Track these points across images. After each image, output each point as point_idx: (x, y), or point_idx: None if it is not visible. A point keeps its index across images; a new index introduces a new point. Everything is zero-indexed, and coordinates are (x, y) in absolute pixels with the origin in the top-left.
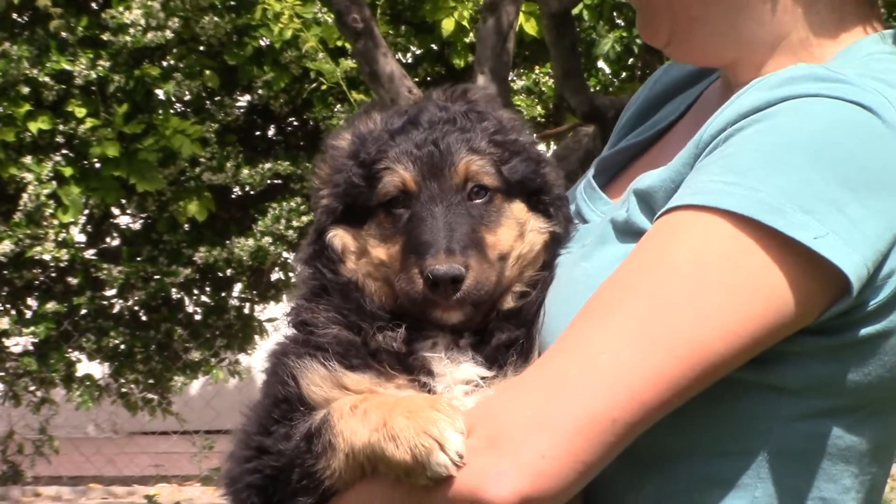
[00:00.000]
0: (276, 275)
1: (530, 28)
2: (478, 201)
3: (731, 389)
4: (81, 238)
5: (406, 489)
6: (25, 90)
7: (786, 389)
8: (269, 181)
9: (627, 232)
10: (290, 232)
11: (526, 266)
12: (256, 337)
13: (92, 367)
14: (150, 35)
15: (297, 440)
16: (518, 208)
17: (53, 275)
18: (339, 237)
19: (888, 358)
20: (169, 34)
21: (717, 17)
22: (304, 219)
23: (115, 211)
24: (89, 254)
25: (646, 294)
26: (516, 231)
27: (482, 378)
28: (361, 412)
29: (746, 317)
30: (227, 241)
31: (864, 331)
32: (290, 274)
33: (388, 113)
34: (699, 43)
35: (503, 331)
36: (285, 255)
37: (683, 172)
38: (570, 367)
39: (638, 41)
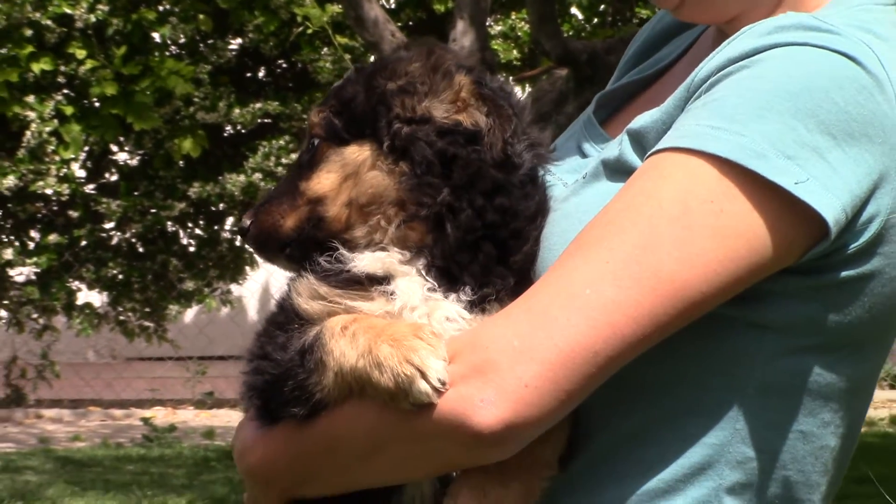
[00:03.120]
0: None
1: None
2: (308, 154)
3: (717, 325)
4: (82, 173)
5: (394, 411)
6: (28, 33)
7: (769, 327)
8: (259, 120)
9: (618, 170)
10: (280, 168)
11: (368, 205)
12: (247, 268)
13: (91, 296)
14: None
15: (292, 353)
16: (350, 151)
17: (55, 208)
18: None
19: (868, 299)
20: None
21: None
22: (293, 156)
23: (114, 148)
24: (89, 188)
25: (631, 232)
26: (338, 175)
27: (463, 320)
28: (351, 334)
29: (727, 257)
30: (220, 177)
31: (845, 273)
32: None
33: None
34: (713, 1)
35: (496, 285)
36: None
37: (674, 114)
38: (556, 300)
39: None
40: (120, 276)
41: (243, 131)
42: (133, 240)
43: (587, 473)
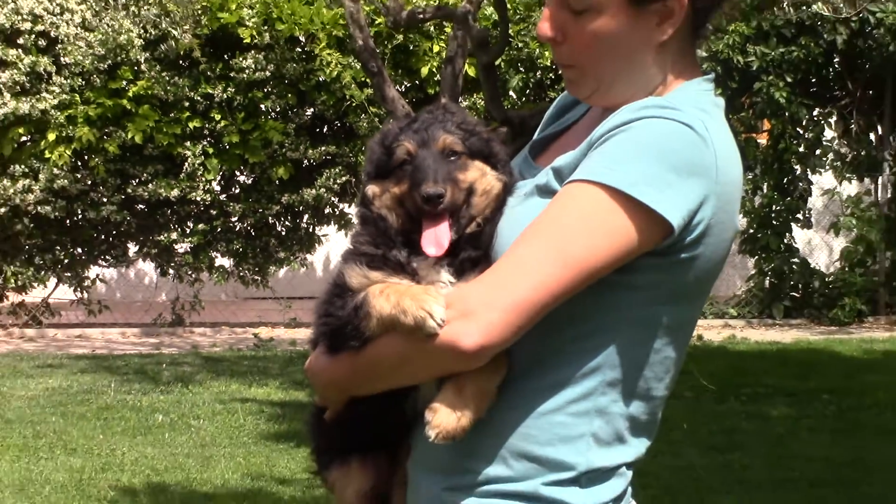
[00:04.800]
0: (327, 210)
1: (471, 71)
2: (452, 159)
3: (606, 286)
4: (218, 188)
5: (414, 340)
6: (186, 104)
7: (636, 287)
8: (323, 157)
9: (546, 191)
10: (336, 186)
11: (490, 201)
12: (317, 245)
13: (223, 261)
14: (257, 74)
15: (349, 310)
16: (479, 164)
17: (202, 208)
18: (371, 188)
19: (695, 271)
20: (268, 73)
21: (625, 79)
22: (343, 179)
23: (237, 173)
24: (222, 197)
25: (555, 232)
26: (479, 174)
27: (451, 282)
28: (385, 295)
29: (612, 246)
30: (300, 190)
31: (683, 255)
32: (336, 210)
33: (400, 120)
34: (612, 96)
35: (468, 251)
36: (333, 199)
37: (580, 158)
38: (511, 271)
39: (532, 80)
40: (240, 249)
41: (314, 163)
42: (249, 228)
43: (519, 379)
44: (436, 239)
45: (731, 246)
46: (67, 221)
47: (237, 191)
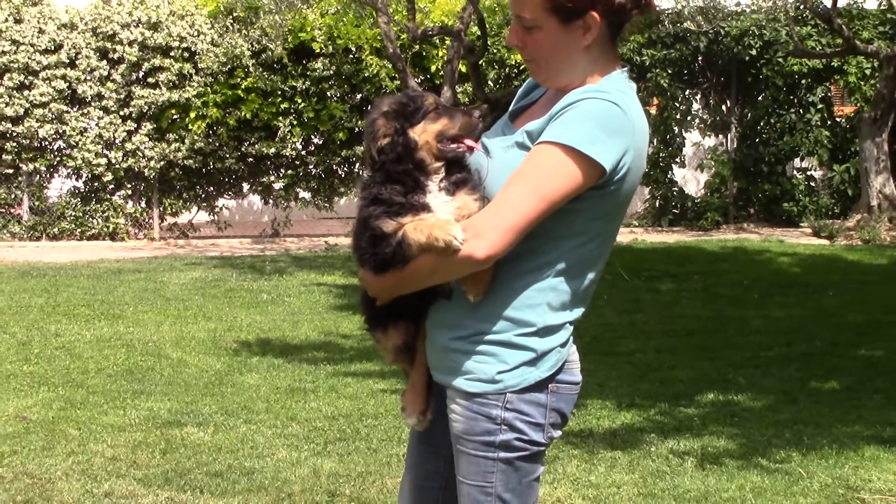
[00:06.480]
0: None
1: (463, 68)
2: (456, 110)
3: (563, 210)
4: (300, 146)
5: (443, 256)
6: (279, 93)
7: (580, 210)
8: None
9: (522, 146)
10: None
11: None
12: None
13: (304, 194)
14: (324, 72)
15: (394, 246)
16: None
17: (289, 160)
18: (412, 132)
19: (618, 198)
20: (331, 72)
21: (565, 70)
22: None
23: (313, 137)
24: (303, 153)
25: (532, 177)
26: None
27: (449, 199)
28: (419, 230)
29: (568, 185)
30: (353, 148)
31: (611, 187)
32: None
33: (398, 94)
34: (558, 81)
35: (457, 173)
36: None
37: (544, 126)
38: (504, 206)
39: (503, 74)
40: (315, 186)
41: (362, 130)
42: (320, 172)
43: (502, 270)
44: (476, 142)
45: (640, 180)
46: (203, 170)
47: (312, 148)
